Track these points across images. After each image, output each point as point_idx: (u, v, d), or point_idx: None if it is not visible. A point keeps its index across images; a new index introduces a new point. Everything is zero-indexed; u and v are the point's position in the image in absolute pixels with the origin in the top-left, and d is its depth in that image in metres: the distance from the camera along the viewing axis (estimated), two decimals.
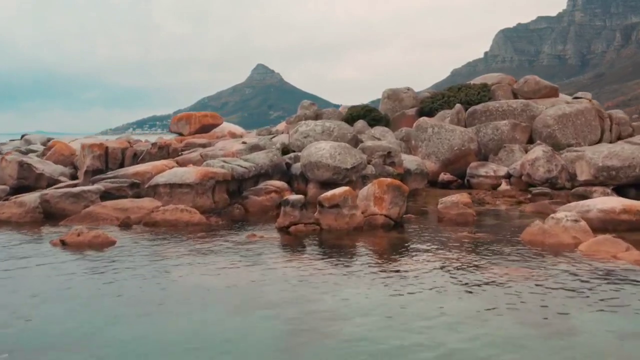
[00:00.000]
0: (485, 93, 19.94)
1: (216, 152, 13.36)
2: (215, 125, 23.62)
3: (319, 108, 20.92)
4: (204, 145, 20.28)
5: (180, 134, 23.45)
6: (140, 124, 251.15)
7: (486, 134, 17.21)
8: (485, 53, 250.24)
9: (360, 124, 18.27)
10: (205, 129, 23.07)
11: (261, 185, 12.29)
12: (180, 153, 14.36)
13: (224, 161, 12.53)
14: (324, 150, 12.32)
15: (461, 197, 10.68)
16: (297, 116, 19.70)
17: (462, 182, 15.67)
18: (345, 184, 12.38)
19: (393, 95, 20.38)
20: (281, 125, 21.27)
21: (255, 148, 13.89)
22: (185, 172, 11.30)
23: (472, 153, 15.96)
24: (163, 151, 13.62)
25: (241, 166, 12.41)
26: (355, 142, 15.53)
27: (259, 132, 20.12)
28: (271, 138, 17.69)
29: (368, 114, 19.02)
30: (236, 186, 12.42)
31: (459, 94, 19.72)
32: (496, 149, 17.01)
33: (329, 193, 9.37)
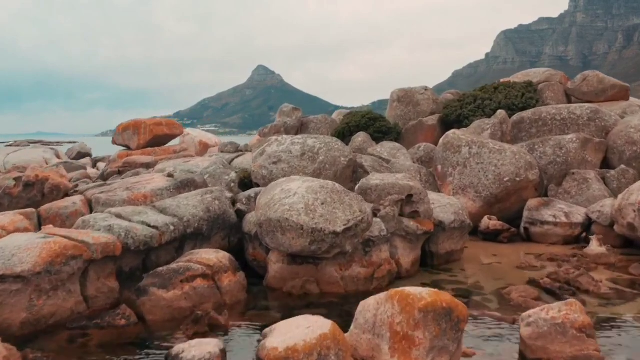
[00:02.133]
0: (531, 94, 14.30)
1: (116, 195, 7.67)
2: (172, 136, 18.00)
3: (305, 115, 15.27)
4: (148, 165, 14.79)
5: (128, 148, 17.85)
6: None
7: (544, 154, 11.56)
8: (487, 54, 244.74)
9: (361, 138, 12.63)
10: (159, 140, 17.45)
11: (182, 260, 6.64)
12: (72, 192, 8.68)
13: (119, 216, 6.89)
14: (295, 196, 6.68)
15: (569, 308, 5.00)
16: (274, 126, 14.03)
17: (516, 231, 10.04)
18: (334, 258, 6.82)
19: (405, 98, 14.69)
20: (256, 139, 15.63)
21: (187, 185, 8.23)
22: (20, 246, 5.66)
23: (531, 186, 10.30)
24: (32, 191, 7.97)
25: (149, 225, 6.78)
26: (352, 169, 9.91)
27: (222, 147, 14.49)
28: (231, 160, 12.08)
29: (371, 124, 13.36)
30: (139, 261, 6.81)
31: (496, 96, 14.07)
32: (559, 177, 11.37)
33: (283, 346, 3.71)
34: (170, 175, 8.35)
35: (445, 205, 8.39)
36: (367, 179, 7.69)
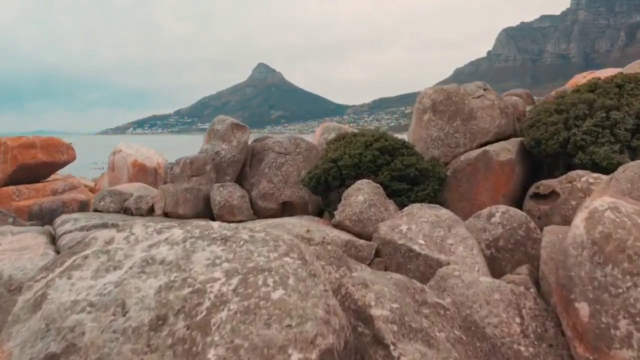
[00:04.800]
0: None
1: None
2: (55, 165, 10.92)
3: (269, 133, 8.24)
4: None
5: None
6: (140, 124, 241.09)
7: None
8: (488, 52, 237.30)
9: (363, 196, 5.60)
10: (31, 172, 10.44)
11: None
12: None
13: None
14: None
15: None
16: (191, 162, 6.95)
17: None
18: None
19: (448, 104, 7.59)
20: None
21: None
22: None
23: None
24: None
25: None
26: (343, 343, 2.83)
27: (99, 199, 7.40)
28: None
29: (385, 160, 6.32)
30: None
31: (627, 101, 7.03)
32: None
33: None
34: None
35: None
36: None
